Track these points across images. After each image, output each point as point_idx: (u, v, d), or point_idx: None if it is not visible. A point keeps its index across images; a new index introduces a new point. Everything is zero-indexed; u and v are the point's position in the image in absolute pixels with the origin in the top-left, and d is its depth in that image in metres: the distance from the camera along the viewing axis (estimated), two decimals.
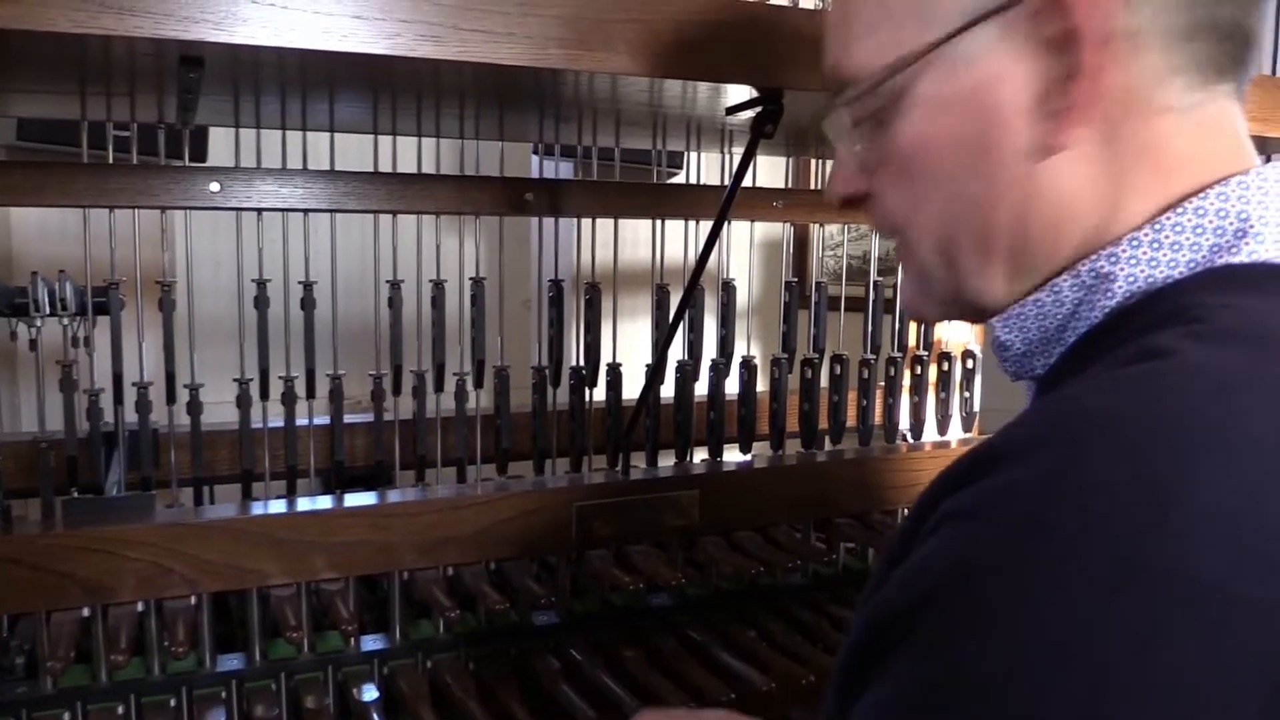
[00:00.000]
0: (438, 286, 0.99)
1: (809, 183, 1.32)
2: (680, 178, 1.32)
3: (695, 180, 1.18)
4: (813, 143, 1.13)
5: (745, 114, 0.83)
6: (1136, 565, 0.33)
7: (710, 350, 1.12)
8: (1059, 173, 0.47)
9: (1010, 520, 0.36)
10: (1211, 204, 0.46)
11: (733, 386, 1.14)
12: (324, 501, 0.89)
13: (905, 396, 1.22)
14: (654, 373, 1.03)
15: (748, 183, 1.05)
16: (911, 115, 0.50)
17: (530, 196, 1.01)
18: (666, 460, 1.11)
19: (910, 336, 1.25)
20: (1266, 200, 0.46)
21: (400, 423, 1.01)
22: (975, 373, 1.24)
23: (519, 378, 1.05)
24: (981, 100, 0.48)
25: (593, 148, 1.08)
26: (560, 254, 1.08)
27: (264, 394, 0.95)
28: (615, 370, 1.08)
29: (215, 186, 0.89)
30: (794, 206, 1.15)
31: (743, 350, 1.15)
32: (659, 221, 1.09)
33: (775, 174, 1.23)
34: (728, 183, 0.96)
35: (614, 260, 1.06)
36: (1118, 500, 0.34)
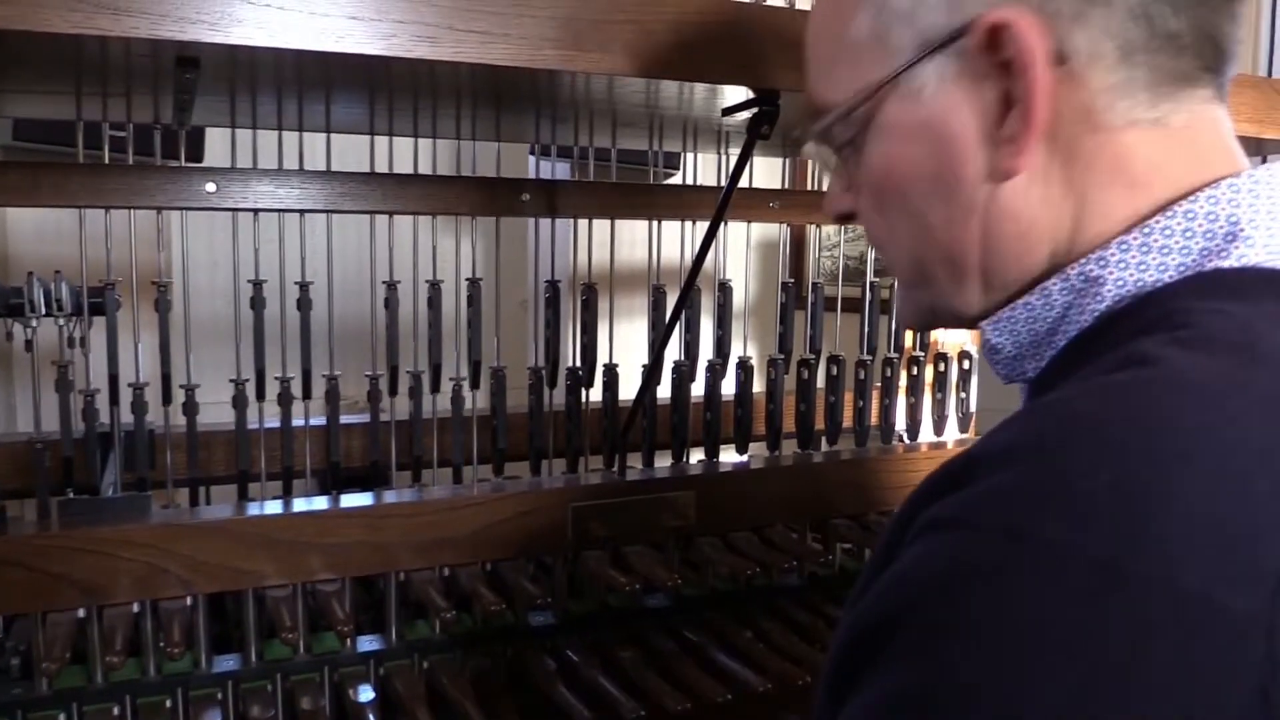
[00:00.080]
0: (434, 287, 0.99)
1: (805, 184, 1.32)
2: (677, 178, 1.33)
3: (692, 181, 1.19)
4: None
5: (741, 115, 0.84)
6: (1119, 573, 0.33)
7: (707, 351, 1.12)
8: (1019, 194, 0.48)
9: (993, 527, 0.36)
10: (1201, 207, 0.46)
11: (729, 387, 1.14)
12: (320, 502, 0.89)
13: (902, 397, 1.22)
14: (650, 373, 1.03)
15: (744, 183, 1.05)
16: (878, 142, 0.52)
17: (527, 197, 1.01)
18: (663, 461, 1.11)
19: (907, 337, 1.25)
20: (1257, 204, 0.45)
21: (396, 423, 1.01)
22: (971, 373, 1.24)
23: (515, 378, 1.05)
24: (938, 129, 0.49)
25: (589, 148, 1.08)
26: (557, 255, 1.08)
27: (260, 395, 0.95)
28: (612, 371, 1.08)
29: (211, 187, 0.89)
30: (790, 207, 1.15)
31: (739, 351, 1.15)
32: (655, 222, 1.09)
33: (772, 175, 1.22)
34: (724, 183, 0.96)
35: (610, 261, 1.06)
36: (1101, 508, 0.34)
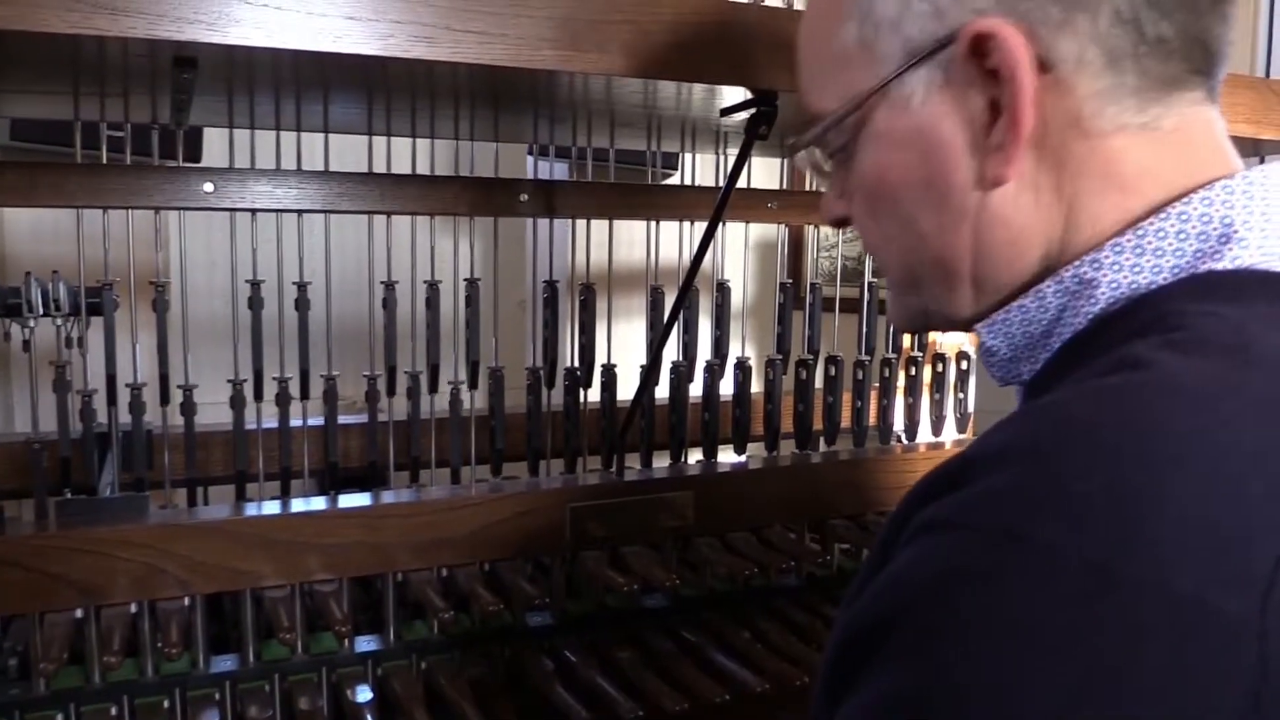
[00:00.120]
0: (432, 287, 0.99)
1: (803, 184, 1.32)
2: (675, 179, 1.33)
3: (690, 181, 1.19)
4: None
5: (739, 115, 0.84)
6: (1112, 576, 0.33)
7: (705, 351, 1.12)
8: (1010, 201, 0.48)
9: (987, 529, 0.36)
10: (1194, 209, 0.45)
11: (727, 388, 1.14)
12: (318, 502, 0.89)
13: (900, 397, 1.22)
14: (649, 374, 1.03)
15: (742, 184, 1.05)
16: (869, 150, 0.52)
17: (525, 197, 1.01)
18: (661, 461, 1.11)
19: (904, 338, 1.26)
20: (1250, 205, 0.45)
21: (395, 423, 1.01)
22: (970, 374, 1.24)
23: (513, 379, 1.05)
24: (927, 137, 0.49)
25: (588, 149, 1.08)
26: (555, 255, 1.08)
27: (258, 395, 0.95)
28: (610, 371, 1.08)
29: (209, 187, 0.89)
30: (789, 208, 1.15)
31: (737, 351, 1.15)
32: (654, 222, 1.09)
33: (770, 175, 1.22)
34: (722, 184, 0.96)
35: (609, 261, 1.06)
36: (1094, 511, 0.34)
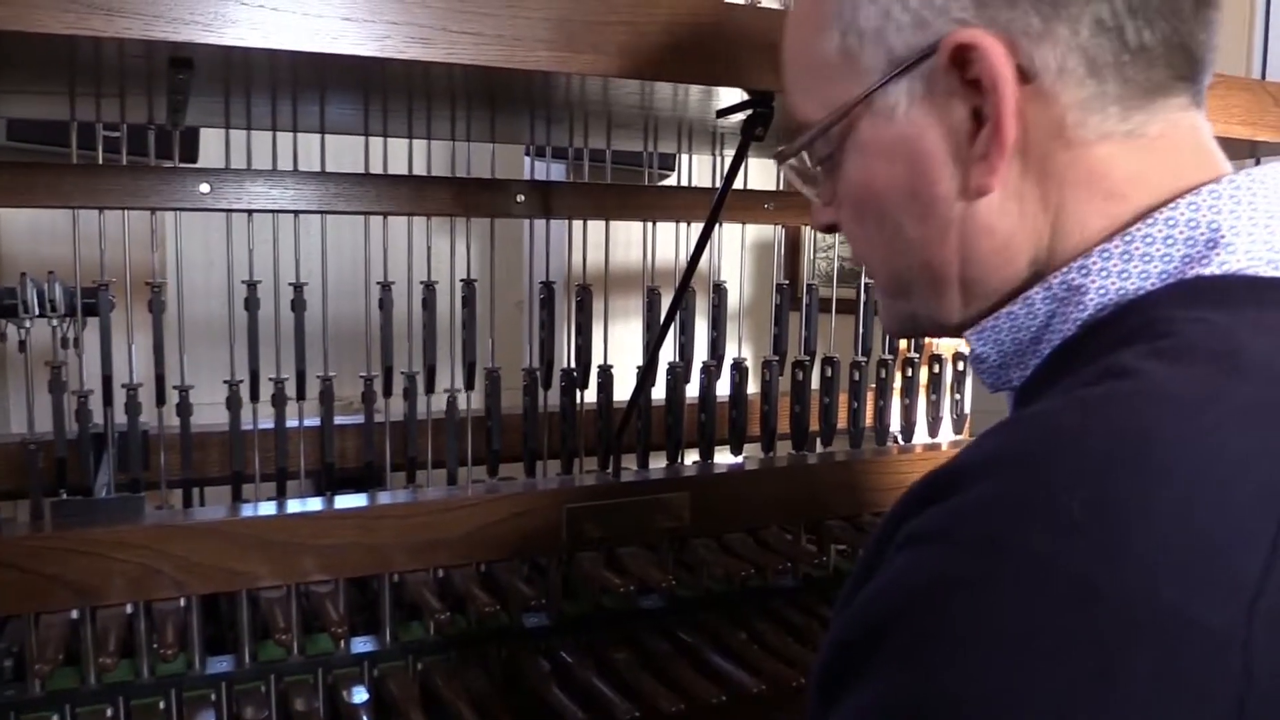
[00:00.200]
0: (429, 288, 0.99)
1: None
2: (672, 180, 1.33)
3: (687, 182, 1.19)
4: None
5: (736, 116, 0.84)
6: (1096, 588, 0.33)
7: (701, 352, 1.12)
8: (995, 210, 0.48)
9: (977, 538, 0.36)
10: (1182, 214, 0.45)
11: (724, 389, 1.14)
12: (314, 503, 0.89)
13: (896, 399, 1.22)
14: (645, 375, 1.03)
15: (739, 185, 1.05)
16: (855, 160, 0.52)
17: (522, 198, 1.01)
18: (658, 462, 1.11)
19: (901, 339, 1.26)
20: (1238, 209, 0.45)
21: (391, 424, 1.01)
22: (966, 375, 1.24)
23: (510, 379, 1.05)
24: (911, 148, 0.49)
25: (584, 149, 1.08)
26: (552, 256, 1.08)
27: (254, 395, 0.95)
28: (606, 372, 1.08)
29: (205, 187, 0.89)
30: (785, 209, 1.15)
31: (734, 352, 1.15)
32: (650, 223, 1.09)
33: (767, 176, 1.23)
34: (719, 185, 0.96)
35: (605, 262, 1.06)
36: (1079, 522, 0.34)
